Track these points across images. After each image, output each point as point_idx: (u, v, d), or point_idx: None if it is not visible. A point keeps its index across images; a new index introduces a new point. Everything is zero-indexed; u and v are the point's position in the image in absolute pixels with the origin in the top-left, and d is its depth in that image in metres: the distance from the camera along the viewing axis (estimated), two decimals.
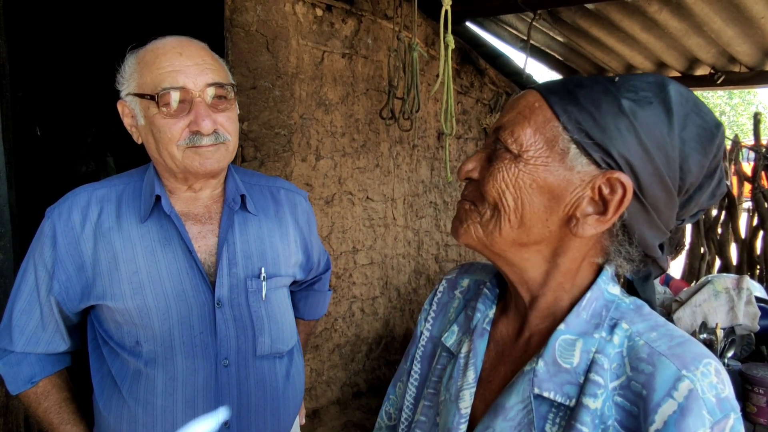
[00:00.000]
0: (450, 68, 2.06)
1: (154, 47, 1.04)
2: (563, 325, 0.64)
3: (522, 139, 0.63)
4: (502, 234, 0.65)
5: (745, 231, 3.47)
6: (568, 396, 0.60)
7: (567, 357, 0.62)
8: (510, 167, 0.64)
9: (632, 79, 0.64)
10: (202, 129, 1.00)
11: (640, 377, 0.57)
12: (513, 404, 0.63)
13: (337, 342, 2.95)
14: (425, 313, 0.86)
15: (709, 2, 2.73)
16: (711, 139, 0.63)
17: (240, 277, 1.13)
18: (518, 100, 0.68)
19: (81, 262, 1.08)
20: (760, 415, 1.58)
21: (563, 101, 0.63)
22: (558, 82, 0.67)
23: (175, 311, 1.08)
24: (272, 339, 1.18)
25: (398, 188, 3.18)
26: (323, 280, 1.48)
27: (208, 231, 1.13)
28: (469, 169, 0.68)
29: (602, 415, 0.58)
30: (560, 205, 0.63)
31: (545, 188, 0.63)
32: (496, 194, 0.64)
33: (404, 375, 0.86)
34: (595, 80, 0.65)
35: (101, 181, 1.16)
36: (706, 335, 1.81)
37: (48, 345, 1.13)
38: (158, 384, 1.09)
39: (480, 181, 0.67)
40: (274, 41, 2.38)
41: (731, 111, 19.10)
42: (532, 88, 0.68)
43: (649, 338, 0.60)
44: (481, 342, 0.72)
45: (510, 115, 0.67)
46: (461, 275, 0.85)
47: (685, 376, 0.55)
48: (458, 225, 0.69)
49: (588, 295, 0.65)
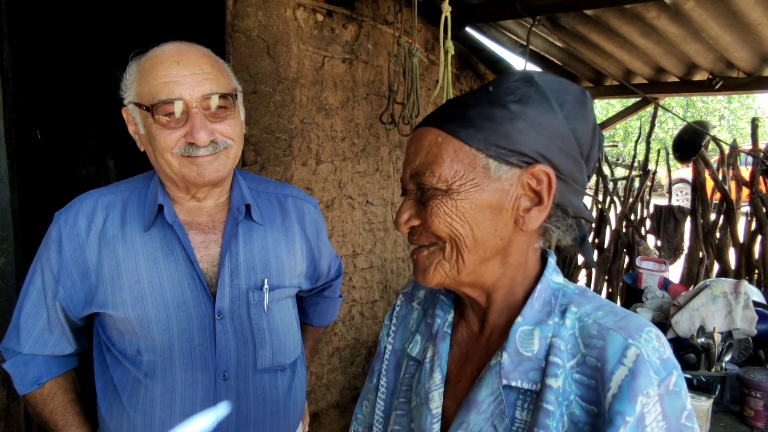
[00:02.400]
0: (450, 74, 2.08)
1: (152, 55, 1.03)
2: (520, 317, 0.69)
3: (444, 174, 0.67)
4: (465, 261, 0.69)
5: (744, 235, 3.48)
6: (533, 381, 0.66)
7: (527, 346, 0.67)
8: (446, 202, 0.68)
9: (504, 83, 0.70)
10: (197, 141, 0.99)
11: (594, 352, 0.64)
12: (484, 397, 0.68)
13: (337, 345, 2.96)
14: (386, 328, 0.89)
15: (707, 9, 2.75)
16: (584, 104, 0.70)
17: (242, 289, 1.11)
18: (419, 141, 0.71)
19: (85, 268, 1.08)
20: (757, 419, 1.58)
21: (462, 128, 0.68)
22: (446, 110, 0.71)
23: (175, 322, 1.07)
24: (273, 352, 1.16)
25: (398, 192, 3.19)
26: (334, 286, 1.46)
27: (211, 241, 1.12)
28: (406, 219, 0.71)
29: (564, 392, 0.64)
30: (503, 213, 0.69)
31: (485, 206, 0.68)
32: (446, 229, 0.68)
33: (370, 393, 0.89)
34: (475, 97, 0.70)
35: (108, 187, 1.15)
36: (704, 339, 1.82)
37: (54, 347, 1.13)
38: (157, 395, 1.08)
39: (425, 225, 0.69)
40: (275, 46, 2.40)
41: (731, 115, 19.12)
42: (426, 126, 0.71)
43: (596, 317, 0.67)
44: (444, 345, 0.77)
45: (420, 158, 0.70)
46: (417, 287, 0.89)
47: (632, 344, 0.62)
48: (424, 272, 0.71)
49: (538, 287, 0.71)
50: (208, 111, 1.01)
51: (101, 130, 4.46)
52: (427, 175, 0.68)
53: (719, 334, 1.82)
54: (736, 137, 12.33)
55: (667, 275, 2.60)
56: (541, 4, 2.71)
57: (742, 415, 1.62)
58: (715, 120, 18.57)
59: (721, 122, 18.90)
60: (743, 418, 1.62)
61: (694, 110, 18.67)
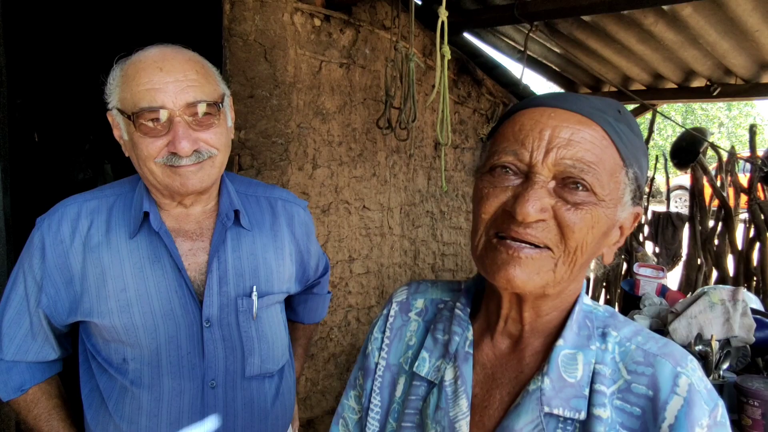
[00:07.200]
0: (446, 79, 2.07)
1: (136, 60, 1.00)
2: (561, 340, 0.65)
3: (606, 184, 0.62)
4: (565, 275, 0.63)
5: (742, 242, 3.47)
6: (576, 409, 0.62)
7: (571, 371, 0.63)
8: (595, 211, 0.62)
9: (619, 105, 0.65)
10: (179, 151, 0.96)
11: (641, 379, 0.61)
12: (522, 426, 0.63)
13: (333, 351, 2.94)
14: (377, 342, 0.79)
15: (704, 15, 2.75)
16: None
17: (230, 296, 1.10)
18: (572, 126, 0.61)
19: (70, 276, 1.06)
20: (755, 428, 1.57)
21: (620, 140, 0.63)
22: (602, 108, 0.63)
23: (162, 330, 1.05)
24: (262, 359, 1.15)
25: (395, 197, 3.18)
26: (322, 283, 1.44)
27: (199, 248, 1.10)
28: (539, 208, 0.60)
29: (612, 422, 0.61)
30: (607, 240, 0.66)
31: (604, 230, 0.64)
32: (581, 239, 0.62)
33: (350, 412, 0.82)
34: (615, 108, 0.65)
35: (93, 191, 1.13)
36: (702, 347, 1.81)
37: (38, 354, 1.11)
38: (143, 403, 1.06)
39: (562, 226, 0.61)
40: (272, 50, 2.39)
41: (730, 122, 19.15)
42: (575, 112, 0.62)
43: (638, 342, 0.64)
44: (467, 367, 0.69)
45: (578, 149, 0.60)
46: (413, 295, 0.80)
47: (682, 372, 0.60)
48: (522, 273, 0.61)
49: (576, 308, 0.67)
50: (193, 119, 0.99)
51: (99, 134, 4.45)
52: (591, 176, 0.60)
53: (717, 342, 1.81)
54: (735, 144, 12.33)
55: (665, 282, 2.59)
56: (538, 10, 2.71)
57: (740, 423, 1.60)
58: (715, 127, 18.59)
59: (721, 129, 18.92)
60: (741, 427, 1.60)
61: (694, 117, 18.71)
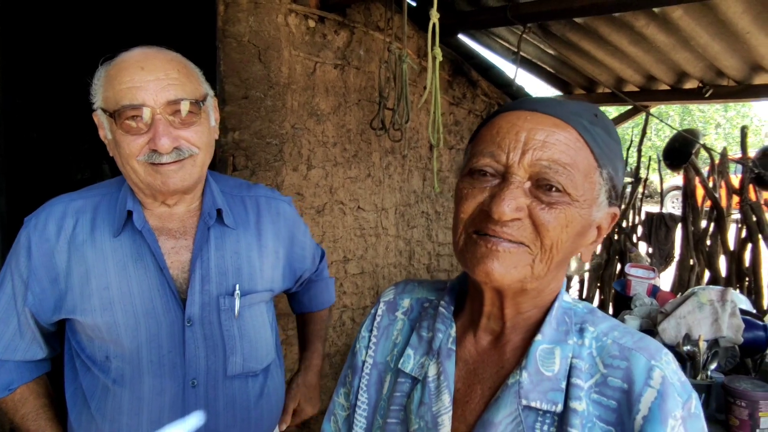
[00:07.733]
0: (438, 80, 2.08)
1: (119, 60, 1.02)
2: (540, 335, 0.67)
3: (579, 184, 0.64)
4: (542, 272, 0.65)
5: (734, 243, 3.49)
6: (553, 402, 0.64)
7: (548, 365, 0.66)
8: (568, 211, 0.64)
9: (599, 112, 0.67)
10: (159, 148, 0.98)
11: (617, 372, 0.63)
12: (501, 419, 0.65)
13: (327, 351, 2.95)
14: (364, 340, 0.82)
15: (695, 17, 2.77)
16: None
17: (213, 295, 1.10)
18: (548, 128, 0.64)
19: (55, 274, 1.07)
20: (742, 428, 1.58)
21: (595, 143, 0.65)
22: (578, 111, 0.65)
23: (144, 329, 1.06)
24: (244, 358, 1.15)
25: (390, 198, 3.19)
26: (320, 269, 1.45)
27: (182, 247, 1.11)
28: (515, 208, 0.63)
29: (588, 414, 0.63)
30: (584, 239, 0.68)
31: (581, 227, 0.66)
32: (556, 238, 0.64)
33: (339, 409, 0.84)
34: (592, 112, 0.66)
35: (80, 191, 1.14)
36: (690, 347, 1.82)
37: (26, 353, 1.12)
38: (124, 402, 1.07)
39: (537, 225, 0.63)
40: (267, 52, 2.40)
41: (726, 123, 19.18)
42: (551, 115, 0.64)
43: (614, 336, 0.66)
44: (450, 363, 0.72)
45: (552, 151, 0.63)
46: (400, 295, 0.83)
47: (656, 365, 0.62)
48: (500, 266, 0.64)
49: (555, 305, 0.69)
50: (175, 117, 1.01)
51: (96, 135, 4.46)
52: (565, 177, 0.62)
53: (705, 342, 1.82)
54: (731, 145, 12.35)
55: (657, 282, 2.61)
56: (530, 12, 2.73)
57: (727, 424, 1.62)
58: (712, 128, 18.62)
59: (718, 130, 18.95)
60: (728, 427, 1.61)
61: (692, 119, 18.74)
